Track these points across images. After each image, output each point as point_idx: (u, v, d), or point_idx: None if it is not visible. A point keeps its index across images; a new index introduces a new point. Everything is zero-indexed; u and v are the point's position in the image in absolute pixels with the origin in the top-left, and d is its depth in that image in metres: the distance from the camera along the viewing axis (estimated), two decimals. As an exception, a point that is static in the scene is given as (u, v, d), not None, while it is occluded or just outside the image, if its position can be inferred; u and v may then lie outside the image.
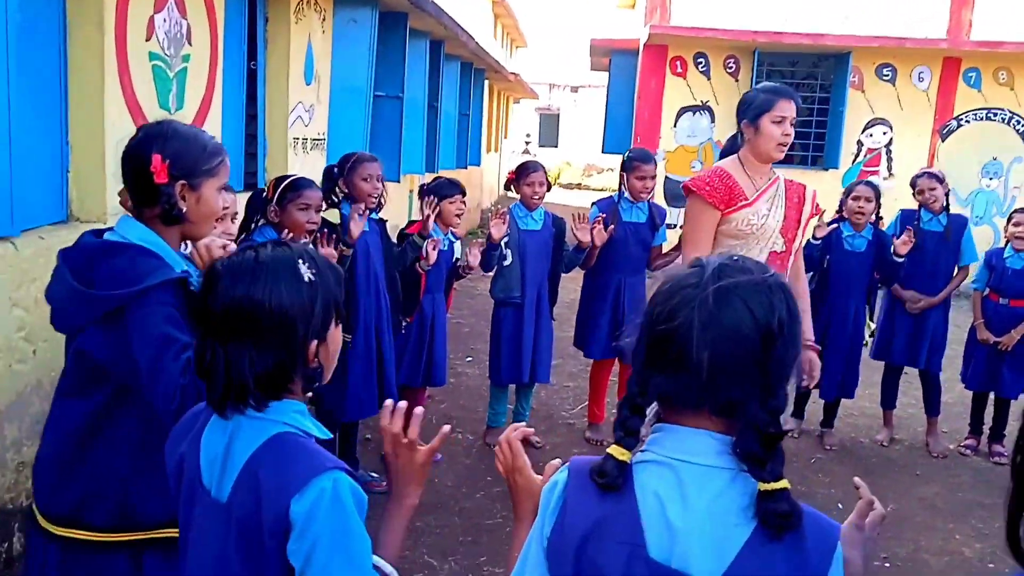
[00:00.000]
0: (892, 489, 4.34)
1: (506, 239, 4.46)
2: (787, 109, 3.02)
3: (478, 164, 13.37)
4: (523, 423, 1.50)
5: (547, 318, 4.61)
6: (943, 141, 10.80)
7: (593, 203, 4.85)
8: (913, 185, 4.96)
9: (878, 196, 4.79)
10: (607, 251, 4.57)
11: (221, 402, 1.22)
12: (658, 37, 10.69)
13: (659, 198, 10.02)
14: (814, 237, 4.70)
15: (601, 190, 24.96)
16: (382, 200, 3.79)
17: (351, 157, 3.75)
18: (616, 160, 19.64)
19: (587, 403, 5.16)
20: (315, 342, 1.25)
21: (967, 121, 10.74)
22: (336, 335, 1.32)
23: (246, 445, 1.23)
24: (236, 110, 4.71)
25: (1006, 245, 4.97)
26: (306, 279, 1.23)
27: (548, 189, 4.59)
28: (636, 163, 4.62)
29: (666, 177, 11.04)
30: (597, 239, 4.41)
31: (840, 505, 4.06)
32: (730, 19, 10.59)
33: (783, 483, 1.01)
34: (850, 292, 4.80)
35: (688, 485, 1.04)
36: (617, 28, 16.96)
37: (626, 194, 4.64)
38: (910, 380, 5.35)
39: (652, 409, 1.14)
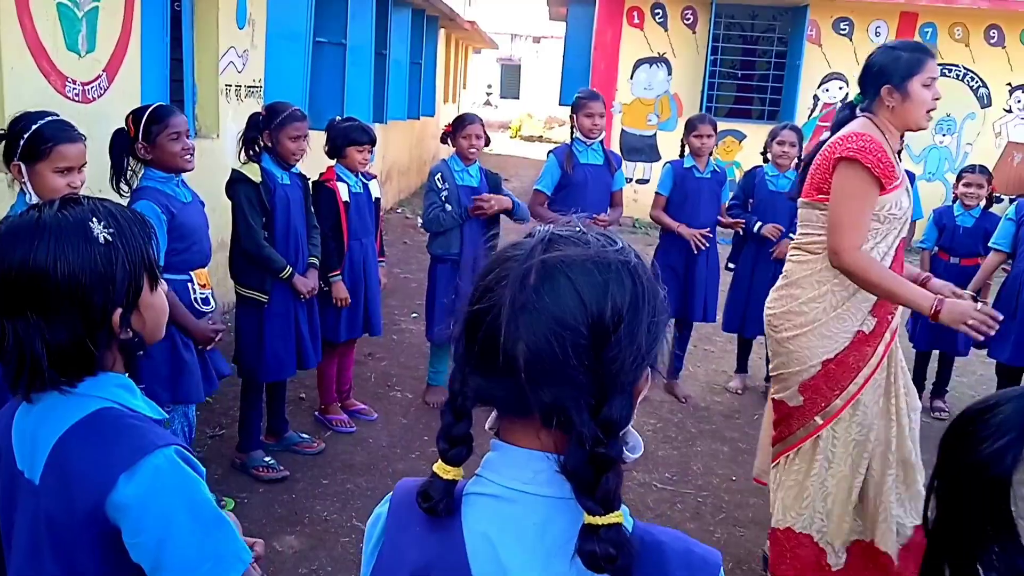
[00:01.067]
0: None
1: (445, 192, 4.32)
2: (935, 69, 2.65)
3: (432, 115, 13.08)
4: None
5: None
6: (898, 97, 10.75)
7: (549, 151, 4.75)
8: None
9: (801, 139, 4.83)
10: (567, 195, 4.47)
11: (17, 383, 1.08)
12: (616, -14, 10.45)
13: (615, 150, 9.89)
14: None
15: (562, 142, 24.78)
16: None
17: (281, 112, 3.54)
18: (575, 113, 19.23)
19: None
20: (119, 310, 1.11)
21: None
22: (155, 299, 1.18)
23: (56, 424, 1.10)
24: (158, 54, 4.45)
25: (955, 203, 4.95)
26: (101, 240, 1.09)
27: (486, 143, 4.44)
28: (583, 100, 4.51)
29: (622, 130, 10.92)
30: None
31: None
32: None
33: (615, 516, 0.81)
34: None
35: (522, 520, 0.86)
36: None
37: (578, 135, 4.53)
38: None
39: None
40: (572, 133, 4.59)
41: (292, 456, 3.81)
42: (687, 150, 4.81)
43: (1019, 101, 10.69)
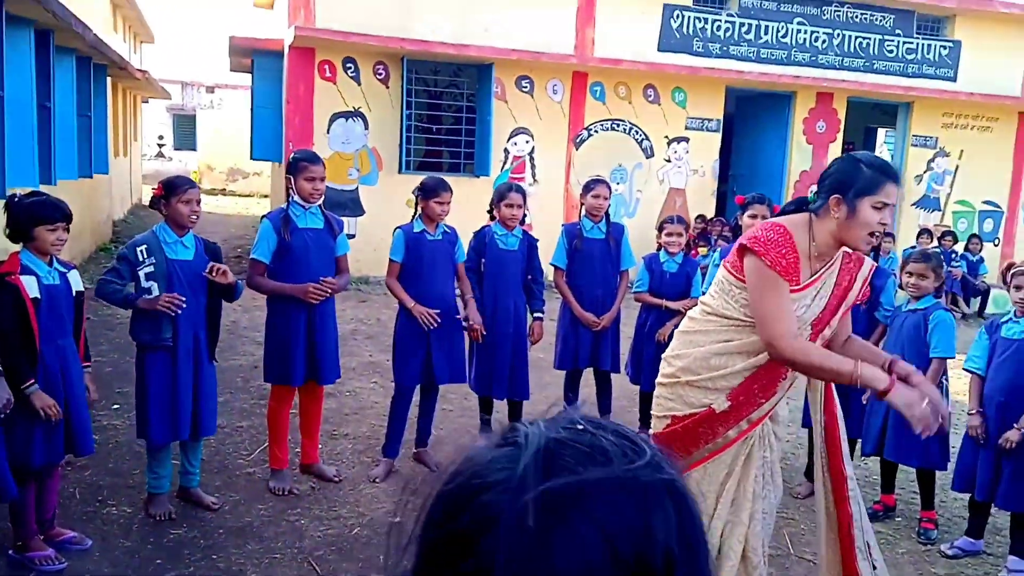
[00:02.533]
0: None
1: (151, 268, 3.77)
2: (892, 195, 2.52)
3: (106, 171, 11.77)
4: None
5: (207, 361, 3.98)
6: (577, 149, 11.71)
7: (263, 217, 4.40)
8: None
9: (525, 199, 4.94)
10: (288, 263, 4.16)
11: None
12: (304, 39, 10.20)
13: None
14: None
15: (249, 195, 23.65)
16: None
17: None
18: (265, 166, 18.56)
19: (267, 444, 4.64)
20: None
21: (596, 131, 11.75)
22: None
23: None
24: None
25: (659, 251, 5.37)
26: None
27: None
28: (304, 163, 4.25)
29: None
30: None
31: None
32: (378, 25, 10.44)
33: None
34: (508, 290, 4.85)
35: None
36: (257, 27, 16.06)
37: (296, 198, 4.23)
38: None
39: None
40: (289, 196, 4.29)
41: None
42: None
43: (675, 152, 12.14)
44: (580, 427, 0.64)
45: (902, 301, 4.44)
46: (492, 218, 4.93)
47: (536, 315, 4.96)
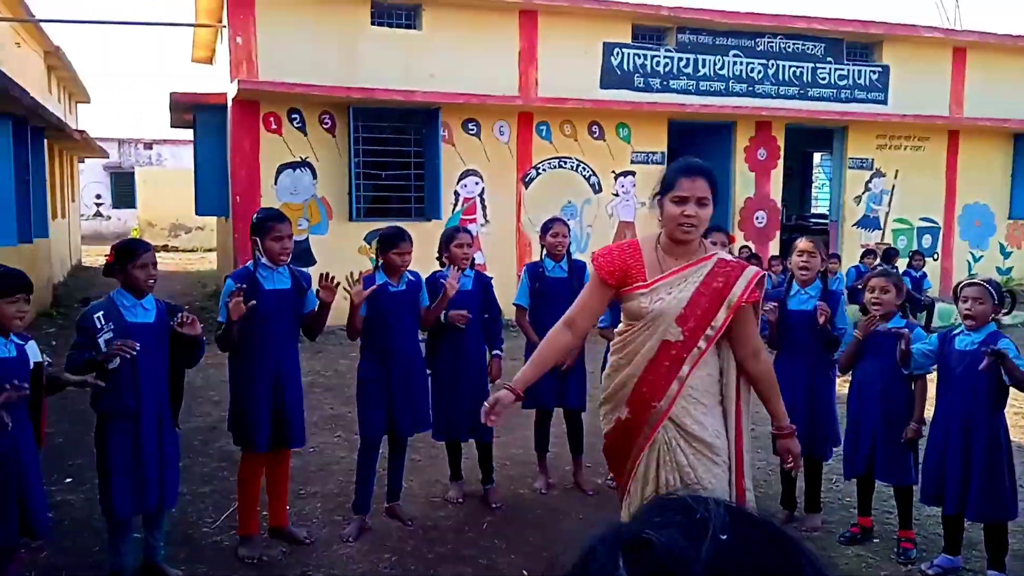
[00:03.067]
0: (564, 540, 4.35)
1: (110, 334, 3.64)
2: (689, 187, 2.74)
3: (46, 235, 11.45)
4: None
5: (171, 427, 3.85)
6: (527, 188, 11.78)
7: (227, 277, 4.30)
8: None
9: (472, 239, 4.98)
10: (253, 324, 4.01)
11: None
12: (248, 93, 10.13)
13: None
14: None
15: (192, 250, 23.26)
16: None
17: None
18: (208, 220, 18.26)
19: (233, 510, 4.49)
20: None
21: (544, 169, 11.85)
22: None
23: None
24: None
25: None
26: None
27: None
28: (271, 223, 4.14)
29: (272, 237, 10.46)
30: (234, 313, 3.85)
31: (525, 572, 3.94)
32: (322, 75, 10.43)
33: None
34: (466, 332, 4.76)
35: None
36: (197, 83, 15.93)
37: (263, 260, 4.13)
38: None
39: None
40: (255, 257, 4.19)
41: None
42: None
43: (622, 186, 12.29)
44: (724, 537, 0.61)
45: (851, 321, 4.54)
46: (442, 263, 4.89)
47: (495, 352, 4.92)
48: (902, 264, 11.98)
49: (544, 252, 5.22)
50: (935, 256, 14.14)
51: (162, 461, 3.75)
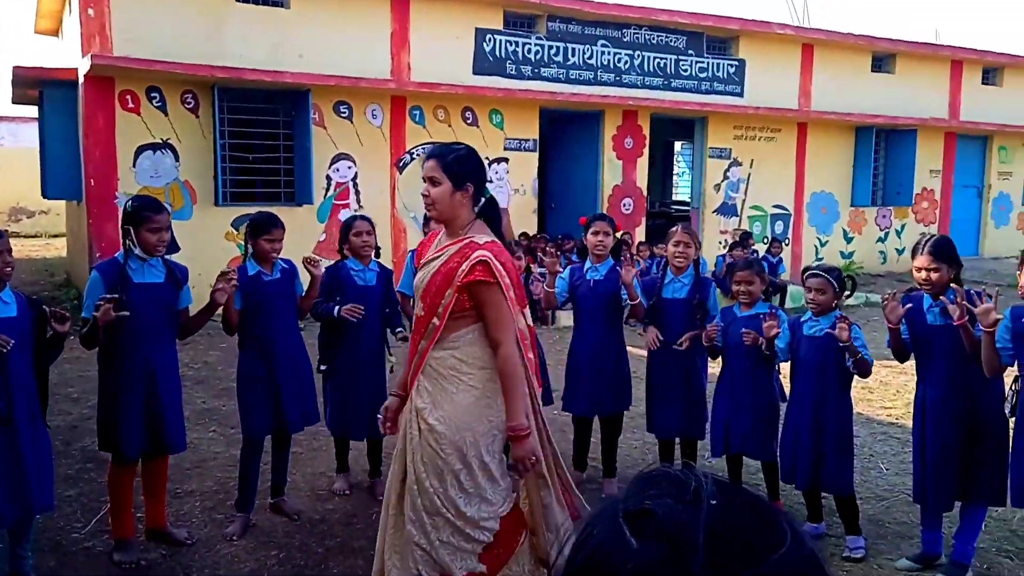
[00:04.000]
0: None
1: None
2: (423, 169, 3.00)
3: None
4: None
5: (43, 427, 3.63)
6: (401, 173, 11.68)
7: (92, 268, 4.06)
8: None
9: (372, 228, 4.88)
10: (124, 319, 3.78)
11: None
12: (101, 69, 9.52)
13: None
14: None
15: (35, 236, 21.65)
16: None
17: None
18: (56, 203, 17.07)
19: (104, 513, 4.28)
20: None
21: (418, 154, 11.76)
22: None
23: None
24: None
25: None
26: None
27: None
28: (147, 214, 3.90)
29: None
30: (101, 319, 3.66)
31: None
32: (184, 52, 9.93)
33: None
34: (370, 330, 4.74)
35: None
36: (45, 56, 14.79)
37: (136, 251, 3.91)
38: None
39: None
40: (127, 247, 3.96)
41: None
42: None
43: (496, 173, 12.38)
44: (714, 502, 0.68)
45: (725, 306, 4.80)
46: (343, 255, 4.81)
47: (399, 331, 4.87)
48: (761, 249, 12.70)
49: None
50: (786, 242, 15.06)
51: (39, 462, 3.53)
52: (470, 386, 2.93)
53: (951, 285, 3.84)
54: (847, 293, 4.27)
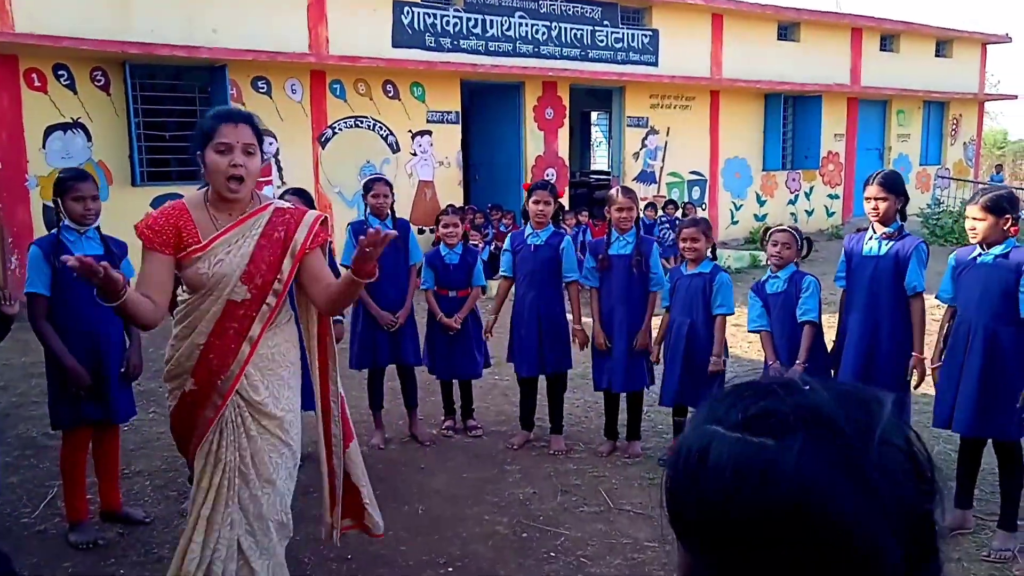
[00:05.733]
0: (413, 492, 4.51)
1: None
2: (232, 134, 2.63)
3: None
4: None
5: None
6: (323, 148, 11.55)
7: (31, 244, 3.97)
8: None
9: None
10: (63, 299, 3.75)
11: None
12: (4, 47, 9.09)
13: (42, 230, 8.66)
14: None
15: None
16: None
17: None
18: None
19: (52, 497, 4.23)
20: None
21: (340, 129, 11.66)
22: None
23: None
24: None
25: (438, 244, 5.55)
26: None
27: None
28: (73, 183, 3.86)
29: (44, 205, 9.54)
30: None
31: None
32: (92, 28, 9.55)
33: None
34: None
35: None
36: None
37: (67, 222, 3.85)
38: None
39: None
40: (59, 219, 3.89)
41: None
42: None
43: (420, 146, 12.38)
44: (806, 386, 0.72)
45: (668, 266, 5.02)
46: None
47: (336, 319, 4.92)
48: (679, 214, 13.07)
49: (368, 211, 5.25)
50: (703, 206, 15.53)
51: None
52: (292, 363, 2.88)
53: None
54: (804, 253, 4.54)
